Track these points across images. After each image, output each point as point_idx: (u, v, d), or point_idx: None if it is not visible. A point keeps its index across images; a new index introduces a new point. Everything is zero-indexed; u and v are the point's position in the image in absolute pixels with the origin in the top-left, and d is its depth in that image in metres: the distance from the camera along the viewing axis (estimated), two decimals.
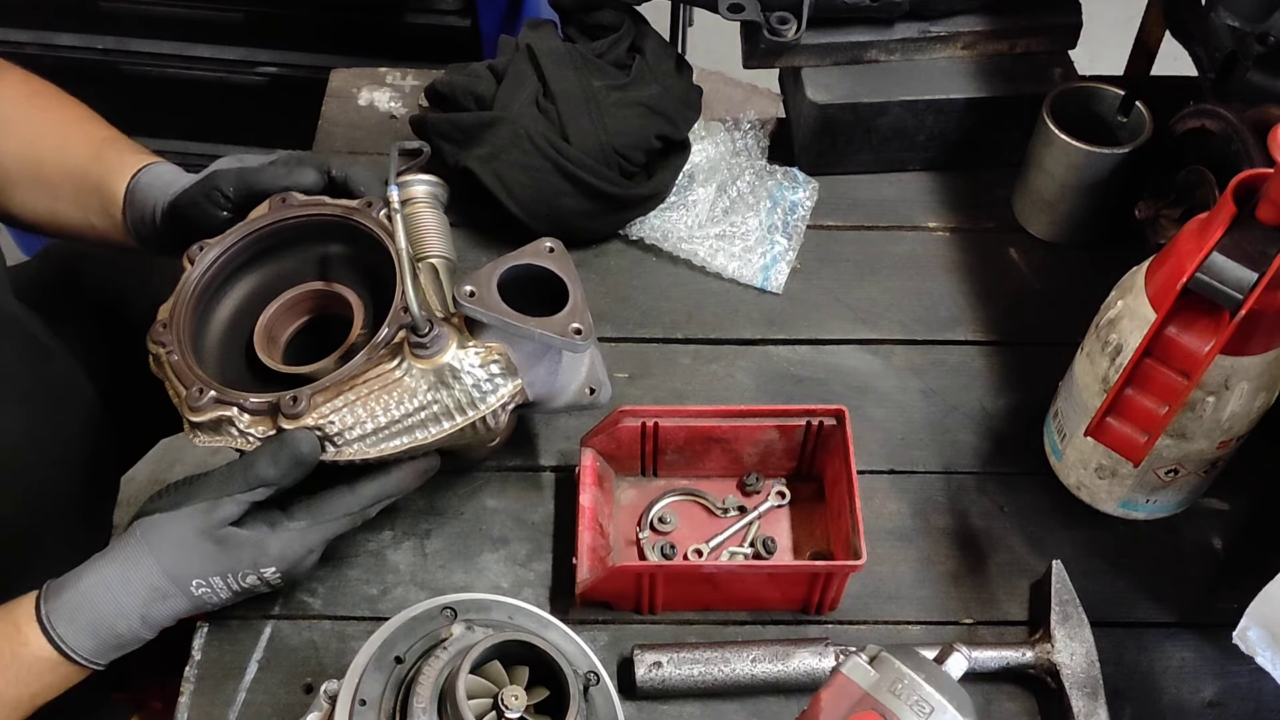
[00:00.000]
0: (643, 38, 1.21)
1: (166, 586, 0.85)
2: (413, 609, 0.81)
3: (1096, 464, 0.96)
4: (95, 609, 0.84)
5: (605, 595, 0.95)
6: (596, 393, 0.93)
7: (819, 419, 0.97)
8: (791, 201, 1.22)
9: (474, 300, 0.86)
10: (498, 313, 0.85)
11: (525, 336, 0.87)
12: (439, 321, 0.87)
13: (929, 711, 0.69)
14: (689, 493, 1.02)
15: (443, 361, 0.86)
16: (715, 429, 0.98)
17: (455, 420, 0.88)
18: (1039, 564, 0.98)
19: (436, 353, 0.86)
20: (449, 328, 0.88)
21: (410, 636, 0.79)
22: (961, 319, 1.16)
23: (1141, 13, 1.42)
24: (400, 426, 0.87)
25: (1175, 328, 0.81)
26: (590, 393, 0.93)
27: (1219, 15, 1.04)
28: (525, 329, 0.86)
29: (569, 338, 0.87)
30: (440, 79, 1.21)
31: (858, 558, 0.89)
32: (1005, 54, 1.23)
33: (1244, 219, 0.79)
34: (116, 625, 0.85)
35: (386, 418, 0.86)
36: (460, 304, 0.86)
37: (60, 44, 1.84)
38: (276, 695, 0.92)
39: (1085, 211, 1.17)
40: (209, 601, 0.88)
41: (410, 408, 0.86)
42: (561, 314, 0.88)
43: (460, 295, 0.86)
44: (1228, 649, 0.81)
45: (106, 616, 0.84)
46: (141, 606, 0.85)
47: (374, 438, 0.87)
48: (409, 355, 0.86)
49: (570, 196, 1.14)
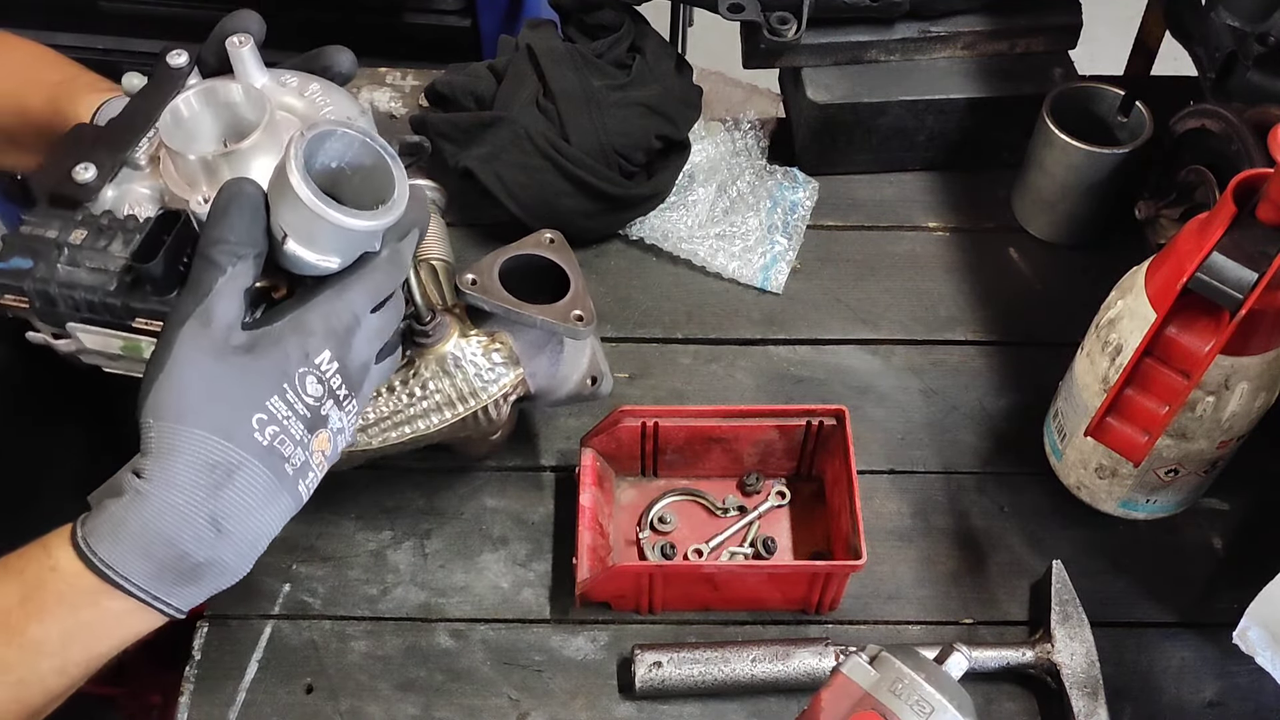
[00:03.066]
0: (643, 38, 1.21)
1: (222, 451, 0.63)
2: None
3: (1096, 464, 0.96)
4: (143, 519, 0.63)
5: (605, 595, 0.95)
6: (599, 383, 0.93)
7: (819, 419, 0.97)
8: (791, 201, 1.22)
9: (476, 288, 0.86)
10: (500, 300, 0.86)
11: (527, 324, 0.87)
12: (440, 311, 0.87)
13: (929, 711, 0.69)
14: (689, 493, 1.02)
15: (444, 350, 0.87)
16: (715, 429, 0.98)
17: (457, 410, 0.88)
18: (1039, 564, 0.98)
19: (438, 341, 0.86)
20: (450, 317, 0.88)
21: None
22: (961, 319, 1.16)
23: (1141, 13, 1.42)
24: (402, 417, 0.87)
25: (1175, 328, 0.81)
26: (592, 383, 0.93)
27: (1219, 15, 1.04)
28: (527, 316, 0.86)
29: (571, 324, 0.87)
30: (440, 79, 1.21)
31: (858, 558, 0.89)
32: (1005, 54, 1.23)
33: (1244, 219, 0.79)
34: (178, 535, 0.63)
35: (388, 408, 0.86)
36: (462, 292, 0.86)
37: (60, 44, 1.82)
38: (276, 695, 0.92)
39: (1085, 211, 1.17)
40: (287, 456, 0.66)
41: (411, 397, 0.87)
42: (563, 301, 0.88)
43: (462, 283, 0.86)
44: (1228, 649, 0.81)
45: (160, 526, 0.62)
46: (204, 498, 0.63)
47: (376, 429, 0.87)
48: (411, 345, 0.86)
49: (570, 196, 1.14)
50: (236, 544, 0.65)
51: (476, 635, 0.95)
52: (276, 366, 0.66)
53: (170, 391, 0.64)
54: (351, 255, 0.71)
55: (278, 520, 0.68)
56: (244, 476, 0.64)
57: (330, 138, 0.69)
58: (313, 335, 0.67)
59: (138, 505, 0.63)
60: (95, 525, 0.63)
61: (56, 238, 0.71)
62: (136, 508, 0.63)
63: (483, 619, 0.96)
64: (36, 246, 0.70)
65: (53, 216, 0.72)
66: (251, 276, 0.67)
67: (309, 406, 0.67)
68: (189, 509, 0.63)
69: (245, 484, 0.64)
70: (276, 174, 0.67)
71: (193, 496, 0.63)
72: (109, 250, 0.70)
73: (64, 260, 0.70)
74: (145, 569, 0.63)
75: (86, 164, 0.73)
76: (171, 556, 0.63)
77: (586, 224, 1.17)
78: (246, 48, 0.78)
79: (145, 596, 0.64)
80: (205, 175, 0.74)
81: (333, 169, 0.71)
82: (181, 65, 0.78)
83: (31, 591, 0.64)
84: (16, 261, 0.70)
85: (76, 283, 0.69)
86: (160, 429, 0.63)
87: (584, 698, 0.92)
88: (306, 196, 0.65)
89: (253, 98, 0.77)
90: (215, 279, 0.65)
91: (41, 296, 0.70)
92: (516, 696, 0.92)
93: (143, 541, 0.63)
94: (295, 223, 0.67)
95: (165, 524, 0.63)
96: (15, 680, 0.64)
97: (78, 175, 0.73)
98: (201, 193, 0.71)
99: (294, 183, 0.65)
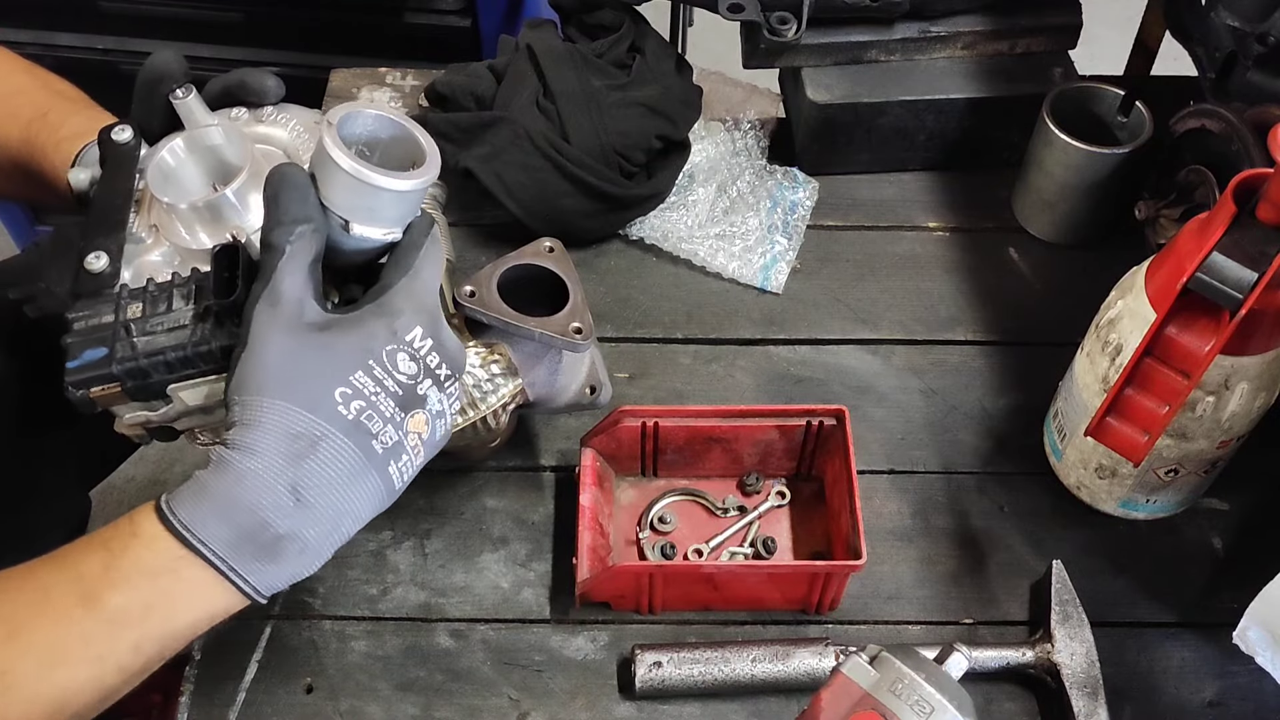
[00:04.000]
0: (643, 38, 1.21)
1: (305, 422, 0.63)
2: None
3: (1096, 464, 0.96)
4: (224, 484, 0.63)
5: (605, 595, 0.95)
6: (597, 392, 0.93)
7: (819, 419, 0.97)
8: (791, 201, 1.22)
9: (474, 300, 0.86)
10: (497, 313, 0.86)
11: (525, 336, 0.87)
12: None
13: (929, 711, 0.69)
14: (689, 493, 1.02)
15: None
16: (715, 429, 0.98)
17: (456, 420, 0.88)
18: (1039, 564, 0.98)
19: None
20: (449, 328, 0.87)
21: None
22: (961, 319, 1.16)
23: (1141, 13, 1.42)
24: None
25: (1175, 328, 0.81)
26: (591, 392, 0.93)
27: (1219, 15, 1.04)
28: (525, 329, 0.86)
29: (569, 337, 0.87)
30: (440, 79, 1.21)
31: (858, 558, 0.89)
32: (1005, 54, 1.23)
33: (1244, 219, 0.79)
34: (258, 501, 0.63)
35: None
36: (460, 304, 0.86)
37: (60, 44, 1.84)
38: (276, 695, 0.92)
39: (1085, 211, 1.17)
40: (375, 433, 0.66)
41: None
42: (561, 314, 0.88)
43: (460, 295, 0.86)
44: (1228, 649, 0.81)
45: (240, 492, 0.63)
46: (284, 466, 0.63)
47: None
48: None
49: (570, 196, 1.14)
50: (317, 518, 0.65)
51: (476, 635, 0.95)
52: (360, 343, 0.66)
53: (251, 368, 0.65)
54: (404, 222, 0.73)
55: (363, 501, 0.67)
56: (327, 448, 0.64)
57: (353, 119, 0.72)
58: (400, 314, 0.68)
59: (220, 471, 0.64)
60: (179, 491, 0.65)
61: (116, 320, 0.72)
62: (219, 474, 0.64)
63: (483, 619, 0.96)
64: (101, 335, 0.72)
65: (94, 305, 0.73)
66: (312, 251, 0.68)
67: (401, 384, 0.67)
68: (269, 475, 0.63)
69: (328, 456, 0.64)
70: (321, 167, 0.69)
71: (273, 463, 0.63)
72: (172, 310, 0.72)
73: (136, 334, 0.71)
74: (224, 535, 0.64)
75: (97, 254, 0.75)
76: (251, 525, 0.64)
77: (586, 224, 1.17)
78: (191, 96, 0.80)
79: (223, 566, 0.64)
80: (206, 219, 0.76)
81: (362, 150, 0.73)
82: (128, 139, 0.80)
83: (114, 559, 0.64)
84: (89, 355, 0.71)
85: (160, 348, 0.71)
86: (244, 402, 0.65)
87: (584, 698, 0.92)
88: (360, 173, 0.67)
89: (232, 137, 0.79)
90: (276, 260, 0.66)
91: (131, 375, 0.71)
92: (516, 696, 0.92)
93: (223, 505, 0.63)
94: (354, 204, 0.69)
95: (245, 489, 0.63)
96: (94, 656, 0.64)
97: (91, 266, 0.74)
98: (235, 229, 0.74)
99: (344, 165, 0.67)
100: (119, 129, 0.80)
